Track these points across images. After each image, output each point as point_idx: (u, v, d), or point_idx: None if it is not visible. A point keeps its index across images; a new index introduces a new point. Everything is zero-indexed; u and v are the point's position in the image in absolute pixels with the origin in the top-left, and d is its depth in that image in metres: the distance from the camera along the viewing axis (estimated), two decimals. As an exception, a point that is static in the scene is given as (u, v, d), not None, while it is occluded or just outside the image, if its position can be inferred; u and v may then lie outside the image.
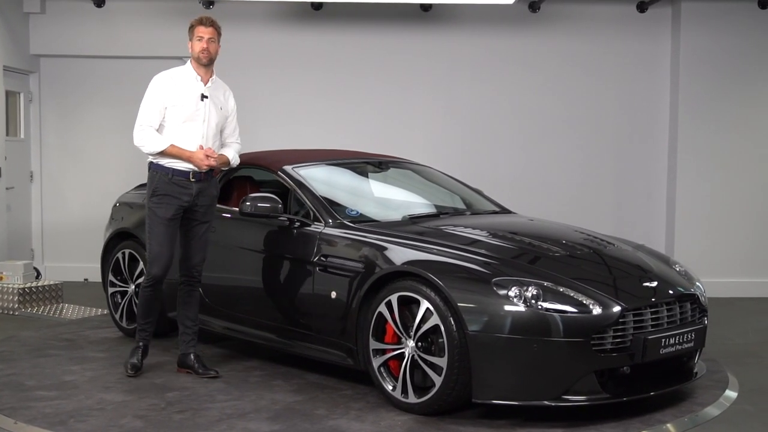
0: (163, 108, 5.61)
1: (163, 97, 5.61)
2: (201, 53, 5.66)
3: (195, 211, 5.75)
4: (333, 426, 4.84)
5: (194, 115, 5.64)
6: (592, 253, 5.47)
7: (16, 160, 9.58)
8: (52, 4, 9.68)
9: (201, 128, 5.66)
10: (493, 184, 9.25)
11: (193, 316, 5.88)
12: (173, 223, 5.69)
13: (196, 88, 5.68)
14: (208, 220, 5.83)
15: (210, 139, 5.71)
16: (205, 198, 5.74)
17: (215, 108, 5.74)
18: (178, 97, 5.61)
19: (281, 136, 9.52)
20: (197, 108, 5.65)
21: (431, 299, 4.91)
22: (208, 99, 5.69)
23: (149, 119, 5.61)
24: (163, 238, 5.66)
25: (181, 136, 5.62)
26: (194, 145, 5.63)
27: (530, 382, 4.75)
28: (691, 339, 5.14)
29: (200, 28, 5.71)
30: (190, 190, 5.66)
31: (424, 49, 9.66)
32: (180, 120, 5.61)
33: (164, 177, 5.63)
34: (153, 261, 5.71)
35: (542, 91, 9.70)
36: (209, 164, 5.62)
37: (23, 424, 4.85)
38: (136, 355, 5.87)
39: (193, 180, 5.65)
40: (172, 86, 5.64)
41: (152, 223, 5.68)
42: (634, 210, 9.72)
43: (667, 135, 9.64)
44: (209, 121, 5.69)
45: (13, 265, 8.33)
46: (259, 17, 9.68)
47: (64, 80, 9.93)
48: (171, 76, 5.70)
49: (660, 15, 9.58)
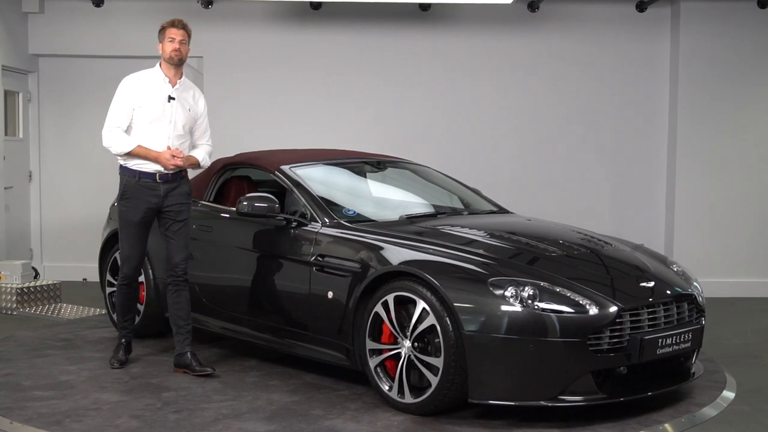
0: (131, 109, 5.72)
1: (131, 98, 5.72)
2: (173, 53, 5.75)
3: (167, 211, 5.83)
4: (329, 426, 4.83)
5: (161, 116, 5.74)
6: (589, 253, 5.45)
7: (15, 160, 9.58)
8: (50, 4, 9.68)
9: (167, 129, 5.75)
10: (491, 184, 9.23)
11: (184, 315, 5.91)
12: (143, 225, 5.83)
13: (164, 89, 5.78)
14: (184, 218, 5.87)
15: (176, 139, 5.79)
16: (174, 198, 5.82)
17: (182, 109, 5.82)
18: (145, 99, 5.72)
19: (280, 135, 9.52)
20: (164, 109, 5.75)
21: (427, 299, 4.90)
22: (176, 100, 5.79)
23: (117, 120, 5.74)
24: (134, 240, 5.84)
25: (148, 137, 5.73)
26: (161, 146, 5.73)
27: (526, 383, 4.74)
28: (688, 339, 5.12)
29: (172, 30, 5.81)
30: (157, 191, 5.76)
31: (422, 48, 9.65)
32: (147, 121, 5.72)
33: (132, 179, 5.77)
34: (124, 261, 5.91)
35: (541, 90, 9.69)
36: (175, 164, 5.72)
37: (19, 424, 4.85)
38: (120, 351, 6.07)
39: (160, 181, 5.76)
40: (140, 88, 5.76)
41: (122, 225, 5.85)
42: (634, 210, 9.70)
43: (666, 135, 9.62)
44: (176, 122, 5.78)
45: (12, 265, 8.33)
46: (258, 17, 9.67)
47: (63, 80, 9.93)
48: (139, 78, 5.82)
49: (659, 15, 9.56)
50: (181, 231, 5.87)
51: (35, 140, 9.95)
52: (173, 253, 5.87)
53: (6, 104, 9.42)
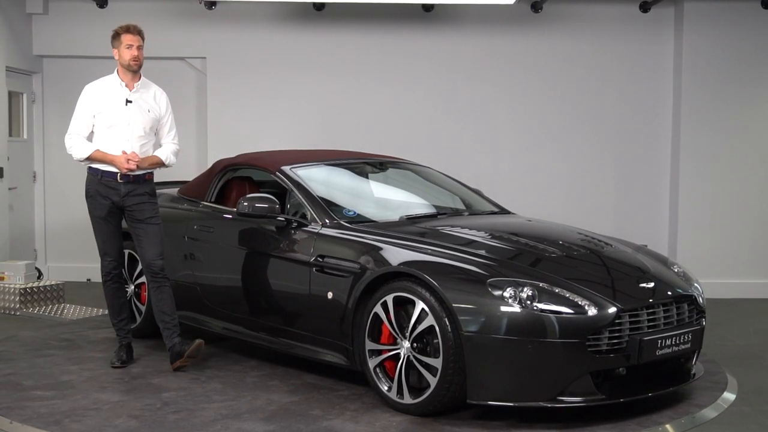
0: (92, 116, 5.93)
1: (90, 106, 5.93)
2: (132, 61, 5.91)
3: (130, 211, 5.98)
4: (327, 426, 4.83)
5: (118, 120, 5.90)
6: (589, 253, 5.45)
7: (19, 161, 9.60)
8: (54, 5, 9.70)
9: (125, 132, 5.90)
10: (495, 184, 9.24)
11: (168, 310, 6.00)
12: (110, 220, 6.00)
13: (121, 94, 5.94)
14: (148, 216, 5.98)
15: (137, 140, 5.94)
16: (135, 197, 5.95)
17: (141, 111, 5.96)
18: (103, 105, 5.91)
19: (283, 136, 9.53)
20: (121, 113, 5.91)
21: (426, 300, 4.90)
22: (133, 103, 5.94)
23: (77, 128, 5.96)
24: (105, 235, 6.03)
25: (108, 141, 5.90)
26: (119, 148, 5.88)
27: (525, 383, 4.74)
28: (688, 340, 5.11)
29: (128, 36, 5.95)
30: (118, 190, 5.92)
31: (426, 49, 9.65)
32: (106, 125, 5.90)
33: (94, 178, 5.97)
34: (102, 257, 6.10)
35: (544, 91, 9.68)
36: (129, 167, 5.83)
37: (18, 423, 4.87)
38: (121, 353, 6.15)
39: (121, 181, 5.91)
40: (99, 95, 5.94)
41: (92, 222, 6.05)
42: (637, 211, 9.69)
43: (670, 135, 9.60)
44: (133, 125, 5.92)
45: (15, 265, 8.36)
46: (261, 18, 9.68)
47: (67, 81, 9.92)
48: (98, 85, 6.00)
49: (663, 15, 9.55)
50: (148, 229, 5.98)
51: (39, 141, 9.98)
52: (144, 251, 6.00)
53: (10, 105, 9.44)
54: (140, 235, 5.99)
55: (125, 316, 6.22)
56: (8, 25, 9.19)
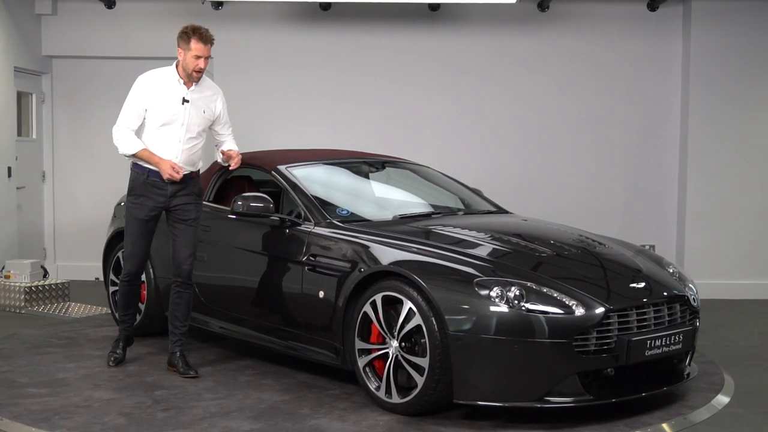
0: (143, 110, 5.63)
1: (144, 99, 5.63)
2: (195, 72, 5.64)
3: (174, 211, 5.78)
4: (314, 425, 4.84)
5: (173, 119, 5.64)
6: (581, 253, 5.42)
7: (29, 160, 9.68)
8: (63, 6, 9.78)
9: (178, 132, 5.66)
10: (501, 184, 9.23)
11: (181, 317, 5.87)
12: (148, 223, 5.80)
13: (178, 91, 5.66)
14: (190, 218, 5.80)
15: (187, 142, 5.70)
16: (182, 198, 5.75)
17: (197, 112, 5.71)
18: (158, 100, 5.62)
19: (288, 135, 9.55)
20: (176, 112, 5.64)
21: (414, 299, 4.89)
22: (190, 103, 5.67)
23: (127, 120, 5.65)
24: (137, 237, 5.81)
25: (158, 139, 5.65)
26: (170, 148, 5.65)
27: (512, 383, 4.72)
28: (679, 341, 5.06)
29: (199, 46, 5.62)
30: (165, 191, 5.70)
31: (432, 48, 9.64)
32: (158, 123, 5.63)
33: (140, 176, 5.72)
34: (127, 258, 5.91)
35: (551, 91, 9.63)
36: (171, 176, 5.59)
37: (8, 420, 4.90)
38: (118, 346, 6.10)
39: (167, 180, 5.68)
40: (154, 88, 5.64)
41: (128, 222, 5.83)
42: (645, 212, 9.61)
43: (677, 136, 9.53)
44: (188, 126, 5.68)
45: (21, 264, 8.42)
46: (268, 17, 9.71)
47: (76, 81, 10.03)
48: (154, 78, 5.70)
49: (671, 14, 9.47)
50: (187, 231, 5.79)
51: (48, 140, 10.06)
52: (176, 252, 5.82)
53: (20, 105, 9.53)
54: (177, 235, 5.80)
55: (132, 311, 6.15)
56: (17, 26, 9.27)
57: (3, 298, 8.25)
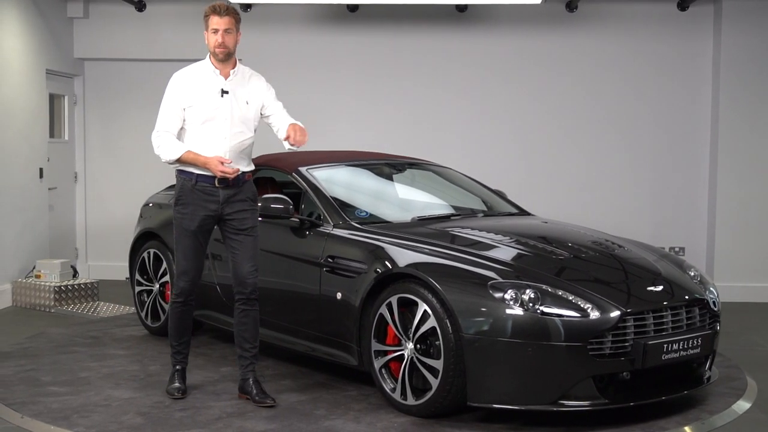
0: (181, 110, 5.12)
1: (180, 98, 5.13)
2: (217, 48, 5.11)
3: (229, 220, 5.22)
4: (328, 426, 4.85)
5: (214, 114, 5.11)
6: (598, 256, 5.38)
7: (61, 162, 9.82)
8: (95, 9, 9.90)
9: (222, 127, 5.12)
10: (528, 186, 9.20)
11: (250, 338, 5.29)
12: (200, 235, 5.24)
13: (216, 83, 5.16)
14: (247, 227, 5.23)
15: (233, 138, 5.16)
16: (235, 204, 5.20)
17: (238, 103, 5.19)
18: (195, 97, 5.12)
19: (315, 137, 9.44)
20: (217, 106, 5.12)
21: (428, 301, 4.89)
22: (230, 94, 5.16)
23: (166, 124, 5.15)
24: (188, 251, 5.24)
25: (202, 138, 5.12)
26: (216, 146, 5.10)
27: (526, 386, 4.70)
28: (697, 345, 5.00)
29: (214, 18, 5.12)
30: (216, 197, 5.15)
31: (459, 50, 9.62)
32: (199, 121, 5.11)
33: (188, 183, 5.16)
34: (179, 275, 5.30)
35: (580, 92, 9.57)
36: (224, 172, 5.04)
37: (29, 418, 4.98)
38: (175, 381, 5.41)
39: (219, 186, 5.13)
40: (189, 85, 5.15)
41: (178, 235, 5.26)
42: (674, 213, 9.51)
43: (708, 137, 9.41)
44: (232, 119, 5.14)
45: (51, 264, 8.55)
46: (296, 19, 9.75)
47: (107, 83, 10.15)
48: (188, 73, 5.22)
49: (701, 13, 9.35)
50: (246, 241, 5.22)
51: (80, 142, 10.19)
52: (238, 266, 5.23)
53: (52, 107, 9.67)
54: (236, 247, 5.21)
55: (187, 339, 5.42)
56: (50, 30, 9.41)
57: (33, 298, 8.39)
